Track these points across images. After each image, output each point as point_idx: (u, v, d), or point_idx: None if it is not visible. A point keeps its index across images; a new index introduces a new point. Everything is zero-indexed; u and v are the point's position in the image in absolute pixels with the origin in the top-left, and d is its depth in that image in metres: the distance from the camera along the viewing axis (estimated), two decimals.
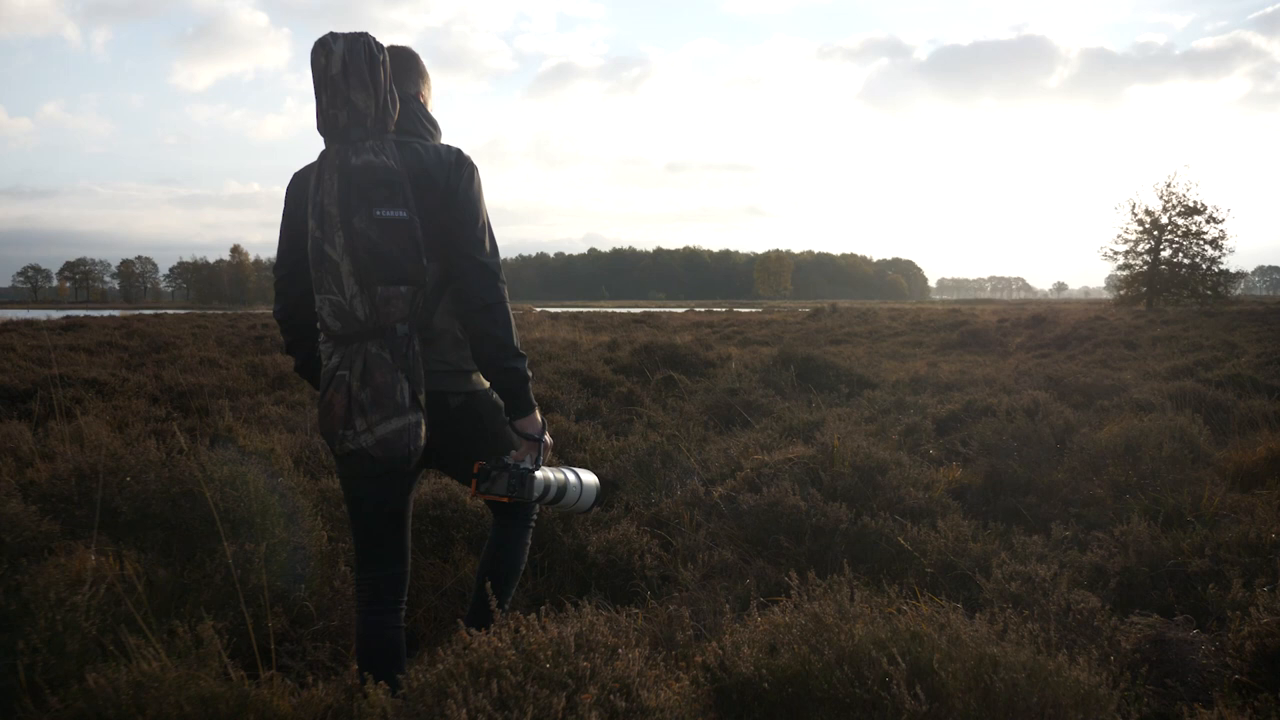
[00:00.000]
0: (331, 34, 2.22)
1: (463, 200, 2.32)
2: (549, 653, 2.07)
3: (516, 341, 2.35)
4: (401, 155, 2.27)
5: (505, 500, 2.36)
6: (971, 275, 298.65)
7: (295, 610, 3.11)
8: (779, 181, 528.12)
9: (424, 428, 2.25)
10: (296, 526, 3.48)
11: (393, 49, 2.41)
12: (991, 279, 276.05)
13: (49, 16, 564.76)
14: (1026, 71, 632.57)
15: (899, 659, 2.17)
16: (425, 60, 2.55)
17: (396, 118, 2.29)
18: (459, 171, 2.33)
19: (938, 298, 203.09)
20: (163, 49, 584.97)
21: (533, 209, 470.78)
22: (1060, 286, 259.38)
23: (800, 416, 7.19)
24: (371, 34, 2.24)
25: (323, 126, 2.26)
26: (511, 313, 2.35)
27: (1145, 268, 41.55)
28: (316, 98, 2.25)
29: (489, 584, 2.50)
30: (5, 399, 7.58)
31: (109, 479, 3.32)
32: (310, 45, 2.26)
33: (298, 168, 2.46)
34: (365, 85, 2.20)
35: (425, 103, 2.52)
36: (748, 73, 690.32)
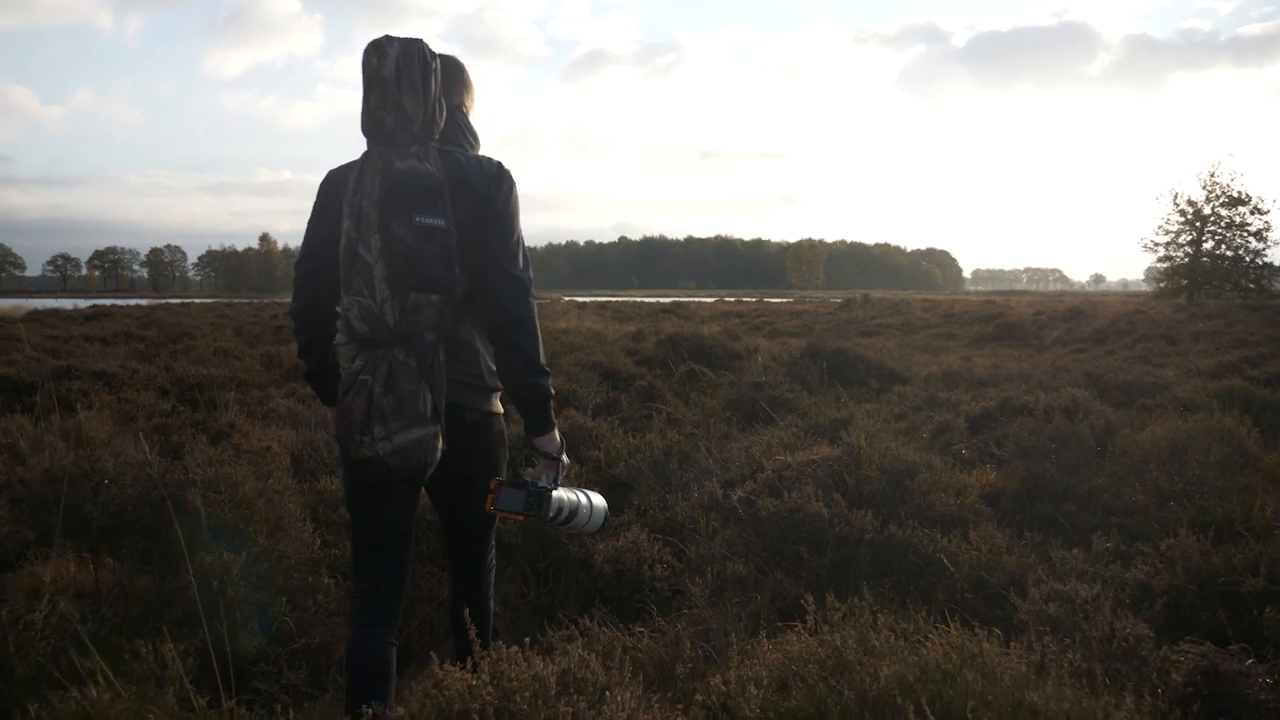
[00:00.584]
0: (387, 37, 2.23)
1: (500, 214, 2.31)
2: (527, 694, 1.84)
3: (543, 358, 2.33)
4: (444, 163, 2.26)
5: (520, 518, 2.31)
6: (1007, 266, 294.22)
7: (275, 626, 2.90)
8: (813, 169, 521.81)
9: (441, 441, 2.21)
10: (282, 533, 3.28)
11: (441, 58, 2.39)
12: (1027, 270, 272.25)
13: (82, 3, 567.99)
14: (1067, 58, 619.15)
15: (927, 709, 1.91)
16: (458, 48, 2.59)
17: (443, 126, 2.31)
18: (499, 185, 2.33)
19: (972, 289, 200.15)
20: (194, 36, 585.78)
21: (563, 197, 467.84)
22: (1098, 278, 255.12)
23: (827, 413, 6.92)
24: (426, 41, 2.26)
25: (368, 127, 2.25)
26: (539, 329, 2.33)
27: (1186, 260, 40.50)
28: (364, 98, 2.24)
29: (465, 639, 2.34)
30: (11, 392, 7.47)
31: (84, 482, 3.14)
32: (341, 32, 2.31)
33: (328, 154, 2.53)
34: (416, 91, 2.21)
35: (468, 113, 2.52)
36: (782, 59, 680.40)
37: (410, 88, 2.20)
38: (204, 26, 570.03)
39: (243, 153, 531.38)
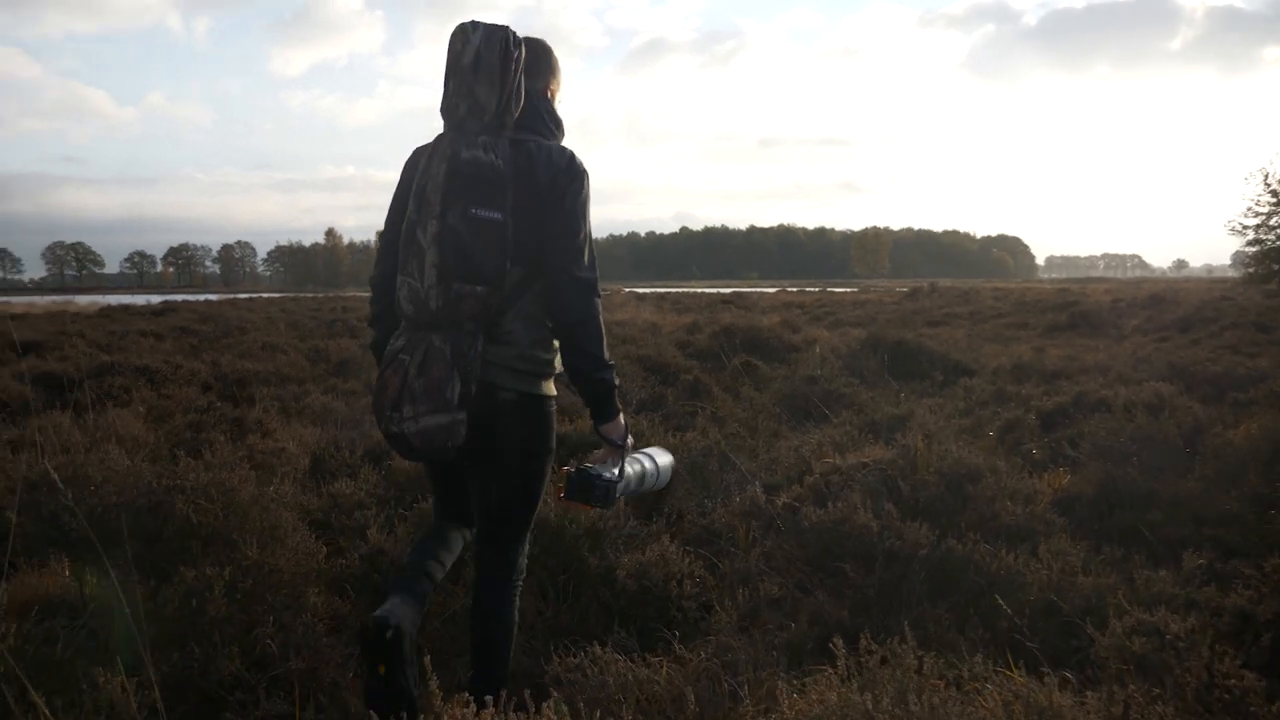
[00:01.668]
0: (473, 22, 2.25)
1: (567, 211, 2.29)
2: None
3: (606, 354, 2.35)
4: (513, 154, 2.26)
5: (588, 509, 2.42)
6: (1083, 253, 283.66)
7: (256, 649, 2.63)
8: (876, 157, 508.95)
9: (466, 427, 2.23)
10: (278, 544, 3.01)
11: (528, 41, 2.41)
12: (1104, 256, 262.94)
13: (153, 7, 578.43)
14: (1146, 35, 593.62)
15: None
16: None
17: (518, 115, 2.29)
18: (567, 180, 2.30)
19: (1046, 276, 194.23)
20: (260, 35, 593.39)
21: (623, 188, 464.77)
22: (1180, 264, 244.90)
23: (885, 409, 6.50)
24: (512, 29, 2.26)
25: (444, 111, 2.28)
26: (603, 325, 2.34)
27: (1278, 242, 38.54)
28: (445, 82, 2.27)
29: (484, 649, 2.48)
30: (56, 388, 7.43)
31: (64, 489, 2.91)
32: (401, 28, 2.29)
33: (390, 150, 2.53)
34: (492, 80, 2.22)
35: (553, 98, 2.49)
36: (845, 43, 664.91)
37: (486, 76, 2.21)
38: (269, 25, 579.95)
39: (308, 150, 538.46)
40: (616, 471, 2.43)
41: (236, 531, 2.99)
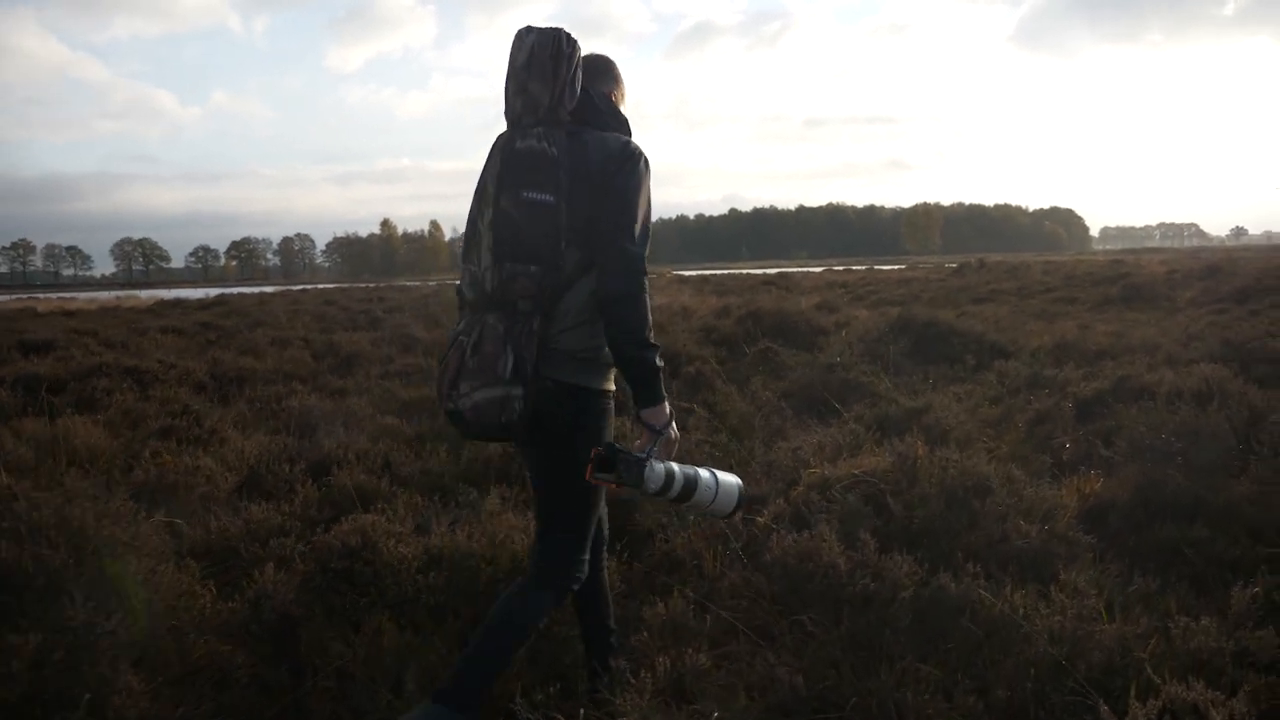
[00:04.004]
0: (529, 27, 2.34)
1: (617, 190, 2.32)
2: None
3: (649, 333, 2.32)
4: (569, 143, 2.33)
5: (613, 486, 2.33)
6: (1138, 223, 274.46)
7: None
8: (925, 133, 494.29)
9: (522, 403, 2.24)
10: (121, 598, 2.54)
11: (592, 57, 2.53)
12: (1160, 226, 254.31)
13: (214, 9, 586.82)
14: (1198, 1, 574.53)
15: None
16: (567, 28, 2.45)
17: (579, 110, 2.37)
18: (619, 162, 2.34)
19: (1100, 248, 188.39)
20: (317, 32, 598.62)
21: (673, 171, 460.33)
22: (1239, 231, 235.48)
23: (901, 401, 5.89)
24: (566, 30, 2.33)
25: (506, 111, 2.37)
26: (649, 305, 2.32)
27: None
28: (505, 85, 2.37)
29: (478, 644, 2.42)
30: (41, 390, 7.08)
31: None
32: (452, 21, 2.28)
33: (444, 141, 2.52)
34: (545, 77, 2.30)
35: (617, 103, 2.57)
36: (891, 20, 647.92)
37: (539, 73, 2.29)
38: (325, 23, 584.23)
39: (365, 143, 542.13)
40: (647, 455, 2.31)
41: (76, 583, 2.52)
